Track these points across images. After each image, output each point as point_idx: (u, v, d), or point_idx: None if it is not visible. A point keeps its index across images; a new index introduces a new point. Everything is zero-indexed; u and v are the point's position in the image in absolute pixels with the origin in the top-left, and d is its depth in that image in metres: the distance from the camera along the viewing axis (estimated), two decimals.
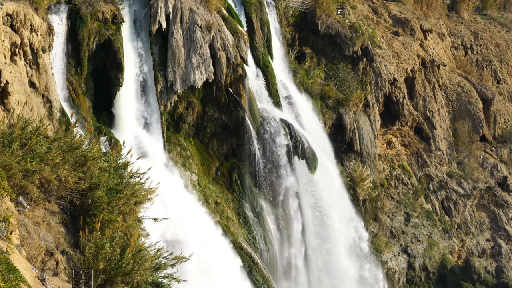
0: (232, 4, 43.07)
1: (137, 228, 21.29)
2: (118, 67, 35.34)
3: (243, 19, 43.29)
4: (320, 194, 43.64)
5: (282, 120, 41.88)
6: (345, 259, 44.78)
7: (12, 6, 28.25)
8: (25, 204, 18.87)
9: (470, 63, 63.69)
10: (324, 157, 44.05)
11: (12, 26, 28.44)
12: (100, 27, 34.63)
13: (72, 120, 26.31)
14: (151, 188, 22.42)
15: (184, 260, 20.81)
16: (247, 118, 39.90)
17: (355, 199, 47.44)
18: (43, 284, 16.64)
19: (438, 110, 56.52)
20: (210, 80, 38.57)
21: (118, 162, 22.77)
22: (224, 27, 39.70)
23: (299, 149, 41.81)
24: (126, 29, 36.47)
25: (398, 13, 59.29)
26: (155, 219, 22.43)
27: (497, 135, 60.36)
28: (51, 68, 31.26)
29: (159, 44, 37.70)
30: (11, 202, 17.48)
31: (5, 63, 26.65)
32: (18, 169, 19.18)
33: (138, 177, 22.50)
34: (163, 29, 37.38)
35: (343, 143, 47.87)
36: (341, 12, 51.66)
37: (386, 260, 49.77)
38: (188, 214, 34.64)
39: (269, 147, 40.86)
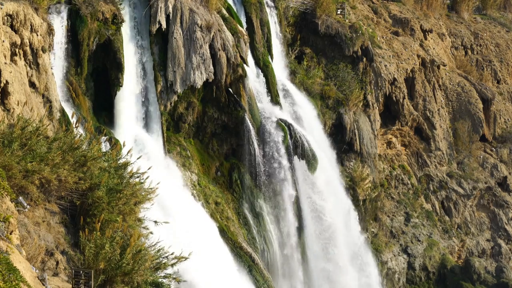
0: (232, 4, 43.06)
1: (137, 228, 21.30)
2: (118, 67, 35.34)
3: (243, 19, 43.28)
4: (320, 194, 43.63)
5: (282, 120, 41.89)
6: (345, 257, 44.78)
7: (12, 6, 28.24)
8: (25, 204, 18.87)
9: (470, 63, 63.68)
10: (324, 157, 44.05)
11: (12, 26, 28.43)
12: (100, 27, 34.63)
13: (73, 120, 26.32)
14: (151, 188, 22.43)
15: (184, 259, 20.81)
16: (247, 118, 39.90)
17: (355, 199, 47.44)
18: (43, 284, 16.64)
19: (438, 110, 56.52)
20: (210, 80, 38.57)
21: (118, 162, 22.78)
22: (224, 27, 39.70)
23: (299, 149, 41.81)
24: (126, 29, 36.46)
25: (398, 13, 59.29)
26: (155, 222, 22.43)
27: (497, 135, 60.36)
28: (51, 68, 31.26)
29: (159, 44, 37.70)
30: (11, 202, 17.48)
31: (5, 63, 26.65)
32: (18, 169, 19.18)
33: (138, 177, 22.51)
34: (163, 29, 37.38)
35: (343, 143, 47.86)
36: (341, 12, 51.66)
37: (386, 260, 49.77)
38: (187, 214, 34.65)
39: (269, 147, 40.87)
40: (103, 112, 35.81)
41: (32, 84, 29.41)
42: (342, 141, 47.82)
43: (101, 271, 18.57)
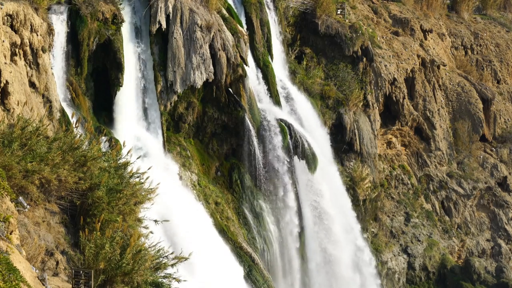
0: (232, 4, 43.06)
1: (137, 228, 21.30)
2: (118, 67, 35.33)
3: (243, 19, 43.28)
4: (320, 194, 43.64)
5: (282, 120, 41.89)
6: (345, 258, 44.78)
7: (12, 6, 28.25)
8: (25, 204, 18.87)
9: (470, 63, 63.68)
10: (324, 157, 44.04)
11: (12, 26, 28.44)
12: (100, 27, 34.63)
13: (73, 120, 26.32)
14: (151, 188, 22.42)
15: (184, 260, 20.81)
16: (247, 118, 39.90)
17: (355, 199, 47.44)
18: (43, 284, 16.65)
19: (438, 110, 56.52)
20: (210, 80, 38.57)
21: (118, 162, 22.78)
22: (224, 27, 39.70)
23: (299, 149, 41.81)
24: (126, 29, 36.45)
25: (398, 13, 59.29)
26: (155, 221, 22.43)
27: (497, 135, 60.35)
28: (51, 68, 31.26)
29: (159, 44, 37.69)
30: (11, 202, 17.48)
31: (5, 63, 26.65)
32: (18, 169, 19.19)
33: (138, 177, 22.51)
34: (163, 29, 37.37)
35: (343, 143, 47.86)
36: (341, 12, 51.66)
37: (386, 260, 49.77)
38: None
39: (269, 147, 40.87)
40: (103, 112, 35.81)
41: (32, 84, 29.42)
42: (342, 141, 47.82)
43: (101, 271, 18.57)
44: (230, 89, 39.74)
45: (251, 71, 41.91)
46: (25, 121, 21.24)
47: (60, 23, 33.27)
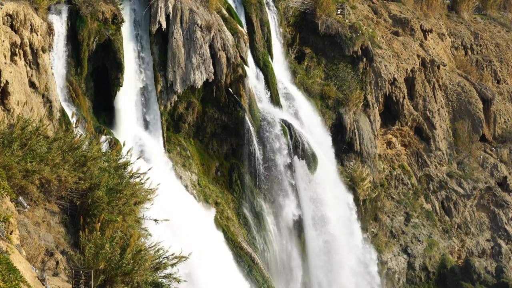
0: (232, 4, 43.08)
1: (137, 228, 21.30)
2: (118, 67, 35.35)
3: (243, 19, 43.29)
4: (320, 194, 43.64)
5: (282, 120, 41.90)
6: (345, 258, 44.79)
7: (12, 6, 28.25)
8: (25, 204, 18.87)
9: (470, 63, 63.67)
10: (324, 157, 44.06)
11: (12, 26, 28.44)
12: (100, 27, 34.64)
13: (73, 120, 26.33)
14: (151, 189, 22.43)
15: (184, 259, 20.81)
16: (247, 118, 39.90)
17: (355, 199, 47.44)
18: (43, 284, 16.65)
19: (438, 110, 56.52)
20: (210, 80, 38.58)
21: (118, 162, 22.78)
22: (224, 27, 39.71)
23: (299, 149, 41.81)
24: (126, 29, 36.47)
25: (398, 13, 59.29)
26: (155, 220, 22.44)
27: (497, 135, 60.35)
28: (51, 68, 31.26)
29: (159, 44, 37.71)
30: (11, 202, 17.49)
31: (5, 63, 26.65)
32: (18, 169, 19.19)
33: (138, 177, 22.51)
34: (163, 29, 37.39)
35: (343, 143, 47.85)
36: (341, 12, 51.66)
37: (386, 260, 49.77)
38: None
39: (269, 147, 40.87)
40: (103, 112, 35.82)
41: (32, 84, 29.42)
42: (342, 141, 47.81)
43: (101, 271, 18.57)
44: (230, 89, 39.75)
45: (251, 71, 41.93)
46: (25, 121, 21.24)
47: (60, 23, 33.28)
